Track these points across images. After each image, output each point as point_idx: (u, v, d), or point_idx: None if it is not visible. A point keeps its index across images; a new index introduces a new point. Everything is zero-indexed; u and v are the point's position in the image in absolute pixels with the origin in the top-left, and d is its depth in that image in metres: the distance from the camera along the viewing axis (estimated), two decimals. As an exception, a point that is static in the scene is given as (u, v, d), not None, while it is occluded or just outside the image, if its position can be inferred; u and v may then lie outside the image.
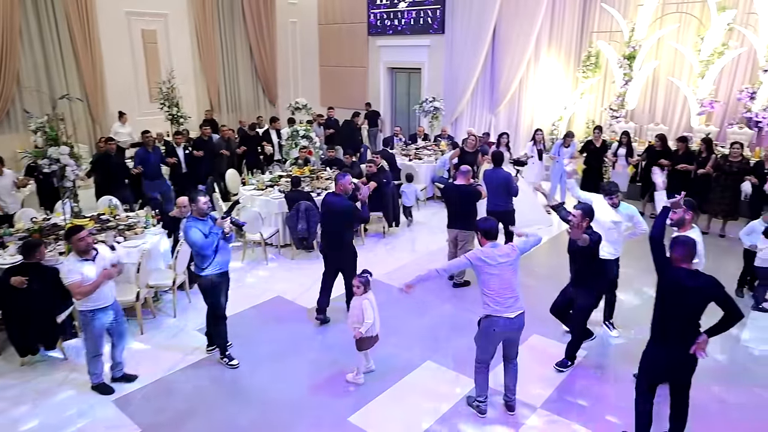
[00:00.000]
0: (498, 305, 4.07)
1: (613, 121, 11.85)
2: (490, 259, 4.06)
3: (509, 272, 4.10)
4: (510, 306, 4.08)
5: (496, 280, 4.06)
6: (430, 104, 11.71)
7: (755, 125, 10.53)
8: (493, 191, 6.96)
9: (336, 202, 5.68)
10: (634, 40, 11.77)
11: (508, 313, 4.08)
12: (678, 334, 3.61)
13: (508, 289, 4.08)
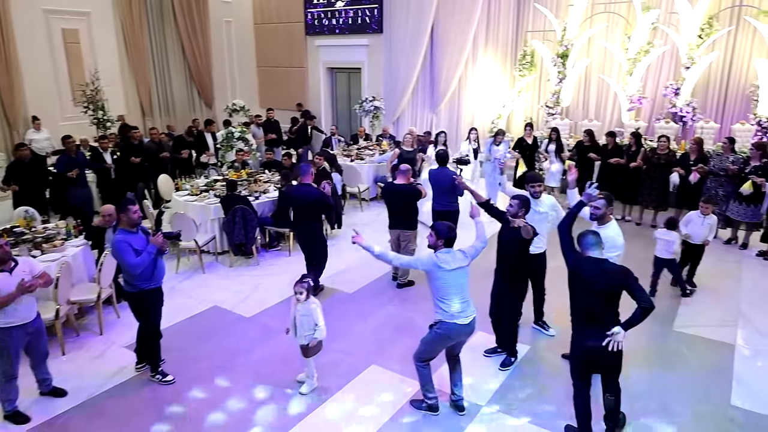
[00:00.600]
0: (452, 311, 3.99)
1: (550, 118, 12.13)
2: (446, 264, 3.97)
3: (463, 277, 4.04)
4: (463, 311, 4.02)
5: (450, 286, 3.98)
6: (371, 104, 11.62)
7: (680, 120, 11.05)
8: (439, 191, 6.90)
9: (307, 191, 6.14)
10: (566, 40, 12.11)
11: (461, 320, 4.01)
12: (593, 322, 3.69)
13: (462, 294, 4.02)
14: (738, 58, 10.99)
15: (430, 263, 3.99)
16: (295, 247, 7.89)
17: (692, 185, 8.08)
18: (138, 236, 4.52)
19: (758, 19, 10.24)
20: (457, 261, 3.99)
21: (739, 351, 5.19)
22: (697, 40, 10.86)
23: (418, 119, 12.94)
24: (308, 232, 6.33)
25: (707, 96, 11.35)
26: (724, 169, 7.79)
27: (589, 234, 3.81)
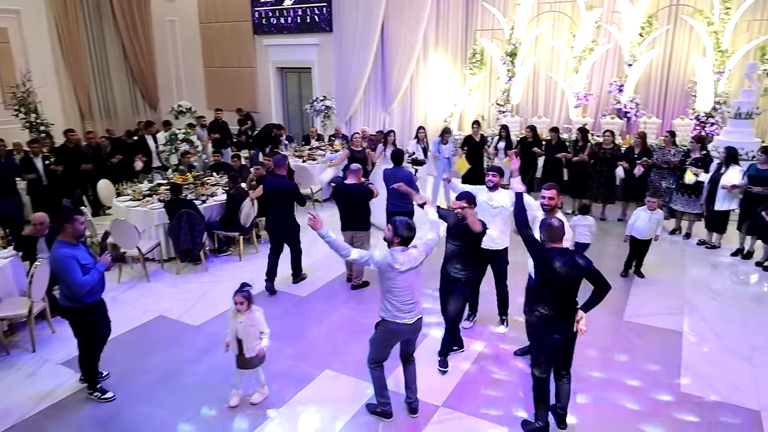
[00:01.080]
0: (397, 311, 3.90)
1: (500, 116, 12.27)
2: (400, 264, 3.83)
3: (414, 277, 3.92)
4: (410, 311, 3.93)
5: (400, 286, 3.87)
6: (321, 103, 11.42)
7: (624, 115, 11.38)
8: (394, 191, 6.77)
9: (281, 182, 6.37)
10: (514, 38, 12.28)
11: (407, 319, 3.93)
12: (564, 312, 3.74)
13: (410, 294, 3.91)
14: (676, 56, 11.42)
15: (384, 263, 3.85)
16: (246, 251, 7.65)
17: (637, 178, 8.30)
18: (82, 249, 4.24)
19: (694, 17, 10.65)
20: (411, 261, 3.86)
21: (686, 338, 5.32)
22: (638, 38, 11.22)
23: (370, 119, 12.83)
24: (284, 221, 6.39)
25: (649, 92, 11.74)
26: (667, 162, 8.03)
27: (552, 225, 3.77)
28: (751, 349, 5.10)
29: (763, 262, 6.95)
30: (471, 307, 5.52)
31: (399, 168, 6.84)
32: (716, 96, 10.47)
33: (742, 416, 4.18)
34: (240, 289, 4.23)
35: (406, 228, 3.88)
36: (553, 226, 3.74)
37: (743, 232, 7.22)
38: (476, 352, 5.10)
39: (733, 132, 8.86)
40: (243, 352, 4.25)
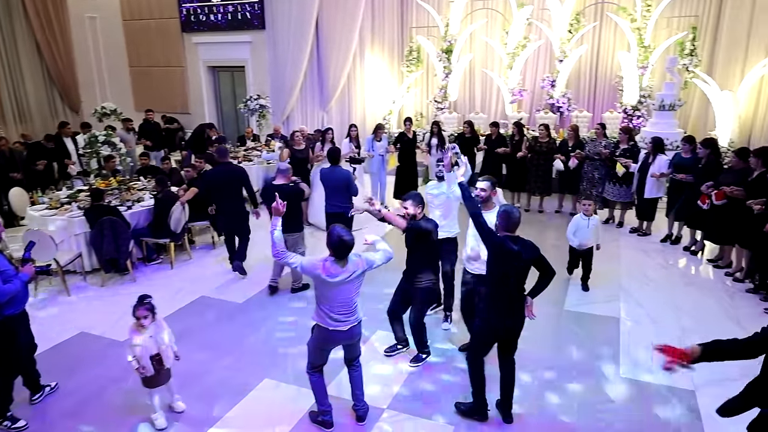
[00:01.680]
0: (330, 318, 3.70)
1: (438, 113, 12.31)
2: (330, 277, 3.58)
3: (349, 289, 3.68)
4: (344, 321, 3.73)
5: (332, 298, 3.66)
6: (256, 102, 11.04)
7: (557, 110, 11.69)
8: (332, 191, 6.57)
9: (228, 169, 6.58)
10: (449, 35, 12.37)
11: (340, 327, 3.73)
12: (509, 297, 3.76)
13: (345, 305, 3.69)
14: (603, 51, 11.85)
15: (313, 274, 3.62)
16: (178, 258, 7.24)
17: (572, 170, 8.50)
18: (1, 257, 3.87)
19: (618, 14, 11.07)
20: (345, 272, 3.60)
21: (623, 323, 5.43)
22: (567, 34, 11.56)
23: (308, 117, 12.54)
24: (235, 209, 6.52)
25: (579, 87, 12.13)
26: (598, 153, 8.25)
27: (506, 214, 3.76)
28: (683, 330, 5.27)
29: (690, 247, 7.25)
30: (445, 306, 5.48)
31: (336, 167, 6.66)
32: (641, 90, 10.93)
33: (679, 397, 4.29)
34: (140, 302, 3.91)
35: (337, 240, 3.55)
36: (512, 215, 3.73)
37: (671, 219, 7.51)
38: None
39: (658, 123, 9.23)
40: (160, 368, 3.94)
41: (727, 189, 6.03)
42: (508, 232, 3.73)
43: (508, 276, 3.71)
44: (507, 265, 3.69)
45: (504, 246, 3.66)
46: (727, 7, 10.52)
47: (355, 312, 3.78)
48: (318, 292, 3.71)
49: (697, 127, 10.68)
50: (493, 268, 3.81)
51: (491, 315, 3.81)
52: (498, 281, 3.76)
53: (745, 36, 10.34)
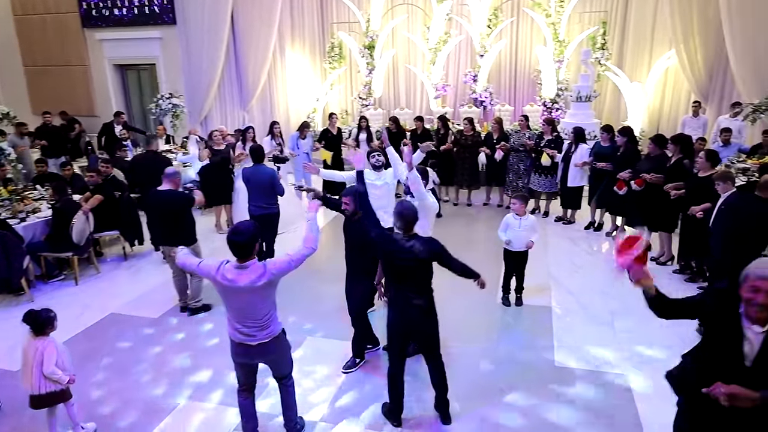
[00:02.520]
0: (235, 330, 3.30)
1: (363, 109, 12.10)
2: (228, 282, 3.14)
3: (254, 300, 3.19)
4: (252, 336, 3.28)
5: (237, 306, 3.24)
6: (168, 101, 10.33)
7: (480, 104, 11.81)
8: (256, 191, 6.19)
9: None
10: (371, 31, 12.19)
11: (249, 342, 3.30)
12: (405, 297, 3.60)
13: (250, 317, 3.23)
14: (522, 46, 12.12)
15: (210, 276, 3.22)
16: (84, 273, 6.57)
17: (498, 162, 8.55)
18: None
19: (534, 10, 11.34)
20: (245, 278, 3.13)
21: (554, 312, 5.45)
22: (487, 30, 11.70)
23: (228, 117, 11.95)
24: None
25: (500, 81, 12.34)
26: (523, 145, 8.35)
27: (400, 213, 3.61)
28: (611, 314, 5.35)
29: (611, 233, 7.47)
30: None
31: (259, 166, 6.28)
32: (558, 83, 11.26)
33: (613, 381, 4.30)
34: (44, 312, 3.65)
35: (243, 239, 3.12)
36: (406, 213, 3.59)
37: (593, 206, 7.71)
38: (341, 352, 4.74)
39: (576, 114, 9.52)
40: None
41: (647, 177, 6.21)
42: (403, 231, 3.59)
43: (402, 275, 3.57)
44: (399, 264, 3.54)
45: (393, 245, 3.55)
46: (633, 3, 11.05)
47: (268, 326, 3.30)
48: (221, 297, 3.32)
49: (611, 117, 11.13)
50: (386, 268, 3.70)
51: (390, 313, 3.73)
52: (393, 281, 3.65)
53: (650, 30, 10.91)
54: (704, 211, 5.42)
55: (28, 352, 3.54)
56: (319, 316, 5.38)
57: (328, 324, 5.24)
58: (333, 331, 5.11)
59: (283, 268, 3.23)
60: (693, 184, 5.70)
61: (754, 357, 2.31)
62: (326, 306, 5.55)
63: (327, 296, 5.67)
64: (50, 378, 3.52)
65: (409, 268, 3.54)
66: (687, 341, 4.66)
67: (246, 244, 3.14)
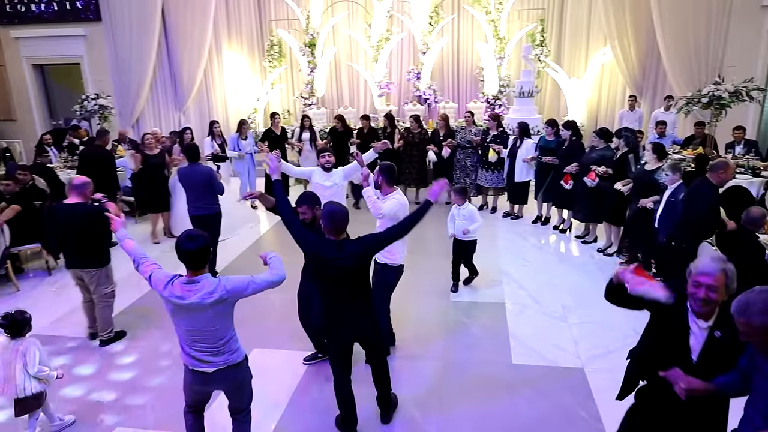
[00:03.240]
0: (189, 355, 2.93)
1: (306, 108, 11.79)
2: (176, 299, 2.78)
3: (205, 320, 2.81)
4: (206, 363, 2.91)
5: (185, 326, 2.86)
6: (94, 102, 9.65)
7: (425, 102, 11.75)
8: (194, 191, 5.89)
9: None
10: (311, 28, 11.88)
11: (203, 368, 2.92)
12: (339, 304, 3.38)
13: (202, 339, 2.86)
14: (463, 43, 12.15)
15: (158, 290, 2.87)
16: (2, 291, 5.96)
17: (446, 159, 8.48)
18: None
19: (474, 7, 11.38)
20: (197, 293, 2.76)
21: (508, 308, 5.37)
22: (428, 27, 11.64)
23: (162, 119, 11.35)
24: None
25: (444, 79, 12.33)
26: (470, 141, 8.31)
27: (329, 216, 3.29)
28: (564, 308, 5.33)
29: (558, 226, 7.53)
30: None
31: (196, 165, 5.93)
32: (500, 79, 11.35)
33: (569, 376, 4.24)
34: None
35: (184, 247, 2.77)
36: (336, 216, 3.25)
37: (540, 200, 7.75)
38: (302, 370, 4.48)
39: (519, 110, 9.60)
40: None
41: (599, 170, 6.26)
42: (333, 236, 3.28)
43: (334, 284, 3.31)
44: (327, 272, 3.28)
45: (320, 253, 3.26)
46: (569, 1, 11.29)
47: (225, 351, 2.91)
48: (171, 318, 2.95)
49: (552, 112, 11.33)
50: (317, 275, 3.40)
51: (327, 325, 3.49)
52: (324, 288, 3.38)
53: (586, 27, 11.18)
54: (653, 202, 5.52)
55: (7, 356, 3.40)
56: (266, 326, 5.08)
57: (277, 334, 4.95)
58: (281, 341, 4.83)
59: (239, 288, 2.85)
60: (642, 178, 5.77)
61: (699, 351, 2.36)
62: (272, 314, 5.27)
63: (274, 303, 5.38)
64: (37, 377, 3.40)
65: (339, 277, 3.27)
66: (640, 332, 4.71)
67: (200, 252, 2.78)
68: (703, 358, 2.35)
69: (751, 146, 7.85)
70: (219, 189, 5.96)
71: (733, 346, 2.25)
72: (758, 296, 2.03)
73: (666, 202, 5.28)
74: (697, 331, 2.37)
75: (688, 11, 8.79)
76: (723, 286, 2.29)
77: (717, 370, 2.30)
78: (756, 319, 2.00)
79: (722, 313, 2.32)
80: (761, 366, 2.13)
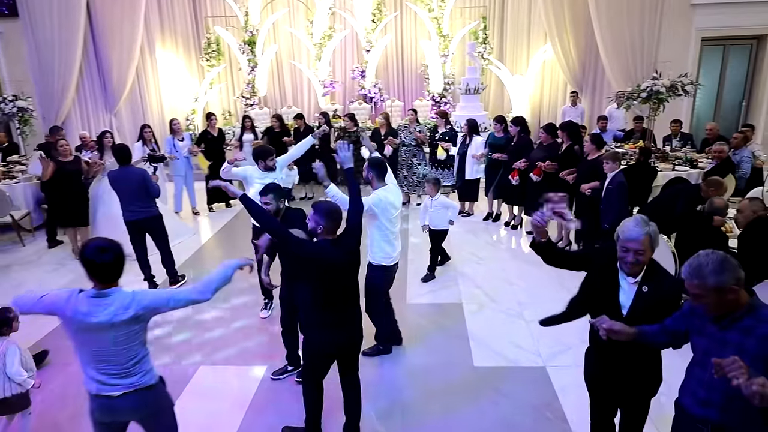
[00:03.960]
0: (91, 379, 2.51)
1: (248, 109, 11.37)
2: (82, 316, 2.38)
3: (115, 337, 2.42)
4: (112, 385, 2.50)
5: (90, 347, 2.46)
6: (12, 105, 8.85)
7: (370, 100, 11.59)
8: (127, 195, 5.48)
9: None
10: (250, 25, 11.47)
11: (108, 392, 2.51)
12: (337, 310, 3.15)
13: (109, 360, 2.47)
14: (407, 41, 12.07)
15: (58, 310, 2.44)
16: None
17: (387, 159, 8.32)
18: None
19: (416, 4, 11.31)
20: (105, 309, 2.39)
21: (466, 308, 5.26)
22: (371, 24, 11.49)
23: (92, 122, 10.60)
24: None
25: (388, 77, 12.21)
26: (415, 139, 8.19)
27: (321, 212, 3.09)
28: (520, 305, 5.28)
29: (509, 222, 7.54)
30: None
31: (127, 167, 5.51)
32: (445, 77, 11.34)
33: (532, 375, 4.17)
34: None
35: (84, 258, 2.39)
36: (334, 213, 3.08)
37: (490, 197, 7.74)
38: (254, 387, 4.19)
39: (466, 107, 9.59)
40: None
41: (542, 165, 6.29)
42: (330, 236, 3.08)
43: (335, 289, 3.10)
44: (333, 277, 3.06)
45: (324, 256, 3.01)
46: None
47: (135, 372, 2.53)
48: (72, 339, 2.52)
49: (496, 109, 11.42)
50: (314, 284, 3.09)
51: (318, 332, 3.19)
52: (323, 296, 3.10)
53: (527, 24, 11.35)
54: (592, 189, 5.64)
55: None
56: (211, 341, 4.75)
57: (224, 349, 4.63)
58: (229, 356, 4.51)
59: (156, 305, 2.50)
60: (584, 167, 5.89)
61: (629, 306, 2.53)
62: (217, 328, 4.94)
63: (216, 314, 5.05)
64: (14, 380, 3.25)
65: (344, 280, 3.12)
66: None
67: (113, 264, 2.42)
68: (632, 312, 2.51)
69: (687, 139, 8.16)
70: (155, 191, 5.58)
71: (659, 300, 2.46)
72: (708, 258, 2.07)
73: (606, 189, 5.42)
74: (627, 287, 2.54)
75: (623, 8, 9.04)
76: (649, 248, 2.46)
77: (646, 323, 2.42)
78: (710, 281, 2.03)
79: (649, 270, 2.51)
80: (706, 329, 2.19)
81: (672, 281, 2.54)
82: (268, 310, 5.15)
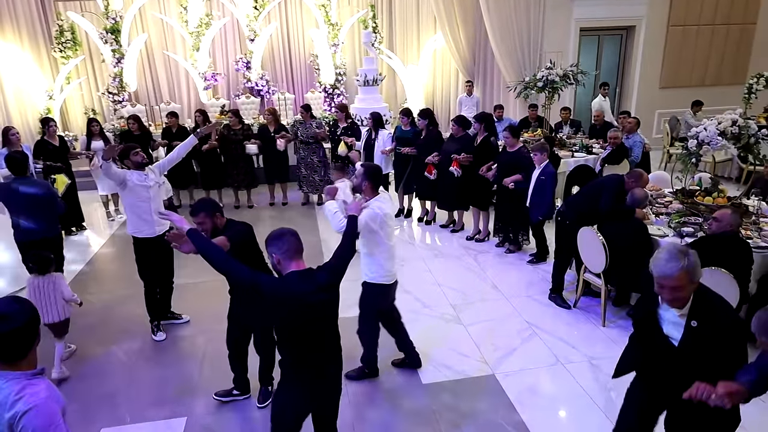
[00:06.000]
0: None
1: (117, 106, 10.04)
2: None
3: None
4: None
5: None
6: None
7: (258, 93, 10.80)
8: (25, 212, 4.58)
9: None
10: (111, 11, 10.07)
11: None
12: (319, 349, 2.60)
13: None
14: (293, 30, 11.41)
15: None
16: None
17: (280, 156, 7.79)
18: None
19: (300, -10, 10.68)
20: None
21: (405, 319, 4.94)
22: (254, 11, 10.68)
23: None
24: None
25: (276, 68, 11.49)
26: (314, 136, 7.68)
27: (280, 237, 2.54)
28: (454, 308, 5.08)
29: (423, 218, 7.35)
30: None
31: (22, 178, 4.59)
32: (336, 67, 10.88)
33: (484, 386, 3.96)
34: None
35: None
36: (287, 236, 2.54)
37: (400, 193, 7.49)
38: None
39: (364, 99, 9.22)
40: None
41: (459, 158, 6.13)
42: (295, 263, 2.53)
43: (305, 333, 2.53)
44: (301, 317, 2.49)
45: (287, 291, 2.44)
46: (396, -14, 11.23)
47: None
48: None
49: (390, 100, 11.26)
50: (282, 324, 2.53)
51: (290, 384, 2.63)
52: (292, 337, 2.53)
53: (416, 13, 11.24)
54: (515, 182, 5.62)
55: (44, 289, 3.97)
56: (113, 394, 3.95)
57: (131, 402, 3.86)
58: (139, 409, 3.77)
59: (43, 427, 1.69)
60: (504, 159, 5.82)
61: (680, 339, 2.33)
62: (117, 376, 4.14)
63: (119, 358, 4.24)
64: (70, 301, 4.06)
65: (325, 314, 2.58)
66: (535, 325, 4.64)
67: (19, 334, 1.70)
68: (683, 346, 2.31)
69: (576, 126, 8.53)
70: (60, 208, 4.76)
71: (716, 339, 2.23)
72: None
73: (537, 180, 5.41)
74: (672, 318, 2.35)
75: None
76: (688, 283, 2.22)
77: (700, 355, 2.26)
78: None
79: (696, 302, 2.27)
80: None
81: (731, 321, 2.25)
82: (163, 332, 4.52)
